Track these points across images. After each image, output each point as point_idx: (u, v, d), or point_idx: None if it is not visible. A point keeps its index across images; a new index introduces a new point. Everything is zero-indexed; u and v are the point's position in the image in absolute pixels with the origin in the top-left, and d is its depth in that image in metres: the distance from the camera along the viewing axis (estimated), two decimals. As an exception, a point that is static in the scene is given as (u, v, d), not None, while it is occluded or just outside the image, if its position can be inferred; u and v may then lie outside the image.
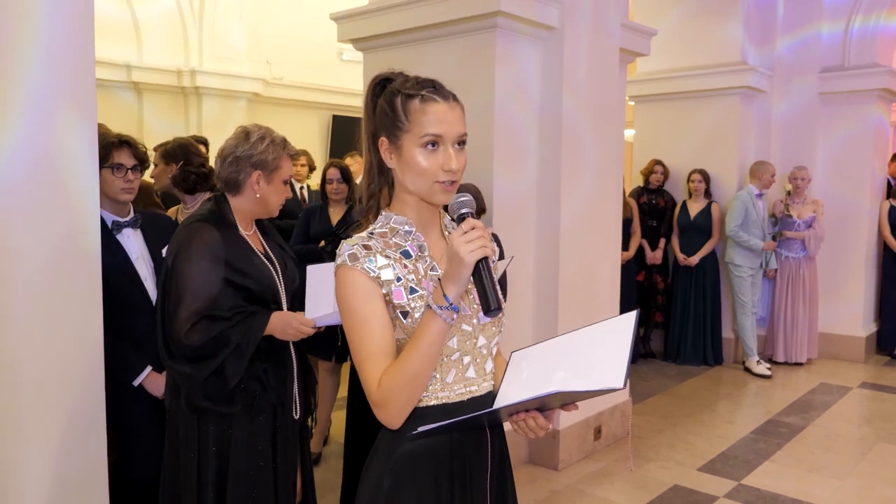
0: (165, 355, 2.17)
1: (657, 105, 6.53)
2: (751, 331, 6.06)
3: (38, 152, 1.92)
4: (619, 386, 1.25)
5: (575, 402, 1.36)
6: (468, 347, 1.43)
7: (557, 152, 3.84)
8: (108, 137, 2.48)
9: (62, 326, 1.99)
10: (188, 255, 2.12)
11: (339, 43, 4.36)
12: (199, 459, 2.18)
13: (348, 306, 1.36)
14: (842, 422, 4.87)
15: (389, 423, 1.36)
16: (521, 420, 1.36)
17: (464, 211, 1.33)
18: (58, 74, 1.94)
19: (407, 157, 1.38)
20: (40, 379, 1.95)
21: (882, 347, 6.74)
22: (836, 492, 3.74)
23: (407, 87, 1.40)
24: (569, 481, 3.84)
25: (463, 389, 1.44)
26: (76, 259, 2.02)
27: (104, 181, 2.42)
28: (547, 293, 3.94)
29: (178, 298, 2.11)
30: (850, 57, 6.32)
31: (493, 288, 1.29)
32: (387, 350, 1.35)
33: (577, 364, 1.36)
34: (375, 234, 1.42)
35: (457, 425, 1.34)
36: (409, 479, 1.39)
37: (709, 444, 4.39)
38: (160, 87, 6.90)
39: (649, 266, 6.42)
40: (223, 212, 2.25)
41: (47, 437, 1.98)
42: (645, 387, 5.58)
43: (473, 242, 1.26)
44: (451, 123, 1.38)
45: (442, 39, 3.76)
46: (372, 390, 1.34)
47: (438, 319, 1.29)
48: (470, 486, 1.45)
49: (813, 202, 6.22)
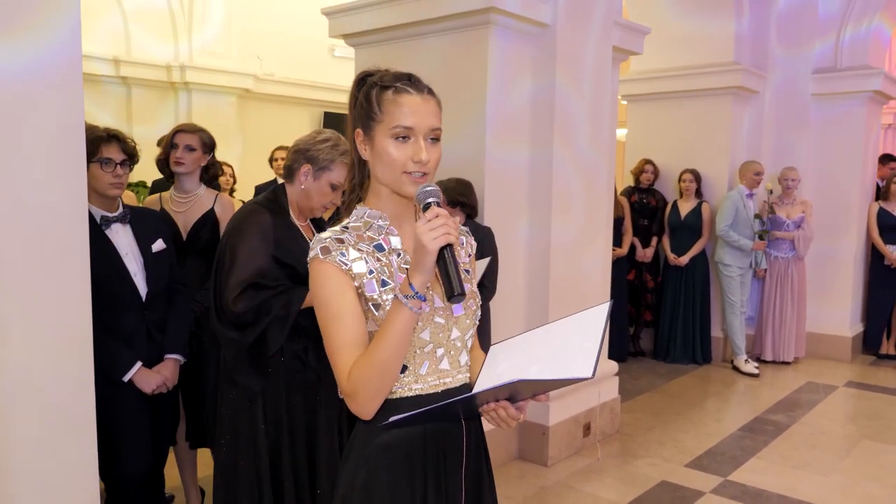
0: (216, 321, 2.35)
1: (649, 104, 6.55)
2: (739, 330, 6.09)
3: (23, 146, 1.90)
4: (588, 375, 1.26)
5: (546, 392, 1.38)
6: (441, 339, 1.44)
7: (550, 150, 3.84)
8: (96, 132, 2.47)
9: (51, 323, 1.98)
10: (241, 233, 2.33)
11: (331, 39, 4.35)
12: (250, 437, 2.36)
13: (321, 299, 1.38)
14: (827, 420, 4.91)
15: (360, 413, 1.38)
16: (492, 410, 1.37)
17: (429, 200, 1.34)
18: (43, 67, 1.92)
19: (378, 147, 1.39)
20: (30, 376, 1.94)
21: (868, 347, 6.80)
22: (821, 488, 3.77)
23: (384, 79, 1.42)
24: (558, 477, 3.85)
25: (437, 381, 1.45)
26: (64, 255, 2.01)
27: (92, 176, 2.41)
28: (538, 290, 3.95)
29: (229, 269, 2.30)
30: (843, 59, 6.37)
31: (456, 274, 1.30)
32: (358, 341, 1.36)
33: (550, 355, 1.37)
34: (350, 227, 1.43)
35: (429, 414, 1.35)
36: (382, 468, 1.41)
37: (697, 441, 4.42)
38: (149, 81, 6.84)
39: (639, 265, 6.45)
40: (279, 199, 2.45)
41: (37, 433, 1.96)
42: (634, 385, 5.61)
43: (436, 230, 1.27)
44: (423, 116, 1.39)
45: (434, 35, 3.76)
46: (343, 381, 1.36)
47: (405, 309, 1.30)
48: (444, 478, 1.46)
49: (802, 203, 6.26)
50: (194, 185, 3.14)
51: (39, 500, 1.99)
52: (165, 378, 2.56)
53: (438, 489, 1.45)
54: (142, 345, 2.53)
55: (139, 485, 2.51)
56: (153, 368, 2.56)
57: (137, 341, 2.51)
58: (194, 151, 3.06)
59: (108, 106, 6.51)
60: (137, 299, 2.51)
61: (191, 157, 3.06)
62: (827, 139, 6.48)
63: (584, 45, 3.99)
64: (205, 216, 3.06)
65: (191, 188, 3.14)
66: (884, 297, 6.63)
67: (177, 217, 3.10)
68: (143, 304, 2.54)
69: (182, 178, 3.12)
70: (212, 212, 3.08)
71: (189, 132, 3.09)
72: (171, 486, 3.29)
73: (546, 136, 3.85)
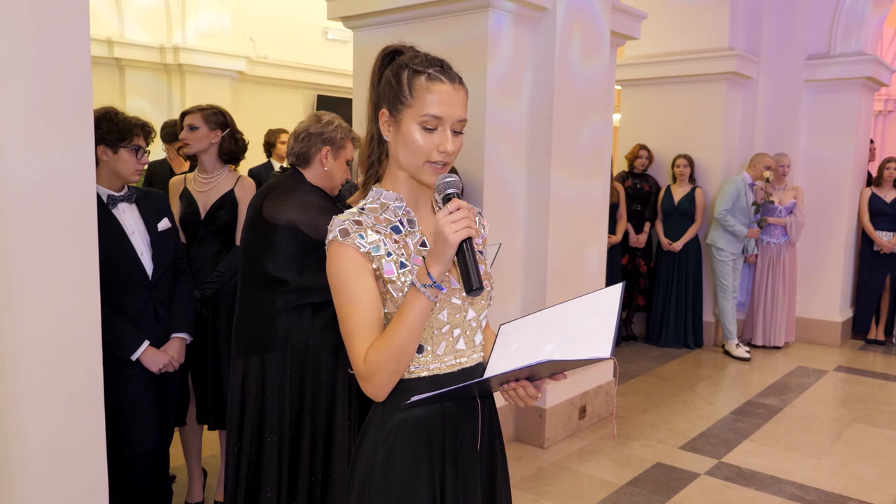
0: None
1: (643, 89, 6.56)
2: (731, 314, 6.15)
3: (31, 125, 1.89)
4: (607, 355, 1.28)
5: (563, 372, 1.40)
6: (458, 320, 1.46)
7: (548, 134, 3.85)
8: (129, 120, 2.54)
9: (59, 302, 1.98)
10: (317, 206, 2.47)
11: (325, 22, 4.33)
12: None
13: (338, 282, 1.38)
14: (818, 403, 4.98)
15: (375, 395, 1.39)
16: (512, 389, 1.39)
17: (450, 191, 1.35)
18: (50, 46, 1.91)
19: (405, 132, 1.39)
20: (38, 355, 1.94)
21: (857, 333, 6.88)
22: (812, 469, 3.84)
23: (416, 62, 1.41)
24: (554, 458, 3.90)
25: (453, 361, 1.47)
26: (72, 233, 2.01)
27: (122, 160, 2.50)
28: (536, 274, 3.98)
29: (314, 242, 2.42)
30: (836, 45, 6.39)
31: (475, 268, 1.32)
32: (374, 325, 1.37)
33: (565, 335, 1.39)
34: (366, 209, 1.44)
35: (448, 394, 1.37)
36: (402, 447, 1.42)
37: (690, 424, 4.48)
38: (143, 63, 6.78)
39: (633, 250, 6.49)
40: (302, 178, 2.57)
41: (46, 413, 1.98)
42: (628, 368, 5.67)
43: (458, 223, 1.28)
44: (454, 106, 1.39)
45: (434, 19, 3.75)
46: (358, 364, 1.37)
47: (422, 297, 1.32)
48: (462, 455, 1.48)
49: (794, 188, 6.31)
50: (212, 164, 3.10)
51: (49, 478, 2.00)
52: (172, 357, 2.58)
53: (456, 466, 1.47)
54: (149, 324, 2.53)
55: (145, 464, 2.52)
56: (160, 348, 2.57)
57: (145, 320, 2.51)
58: (197, 130, 3.03)
59: (101, 88, 6.44)
60: (144, 278, 2.52)
61: (194, 137, 3.03)
62: (819, 125, 6.52)
63: (583, 29, 3.99)
64: (224, 197, 3.05)
65: (209, 168, 3.11)
66: (873, 282, 6.70)
67: (198, 197, 3.10)
68: (150, 282, 2.55)
69: (201, 158, 3.11)
70: (231, 193, 3.06)
71: (191, 112, 3.07)
72: (173, 466, 3.32)
73: (545, 119, 3.86)
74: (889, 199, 6.57)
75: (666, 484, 3.62)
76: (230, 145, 3.09)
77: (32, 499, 1.97)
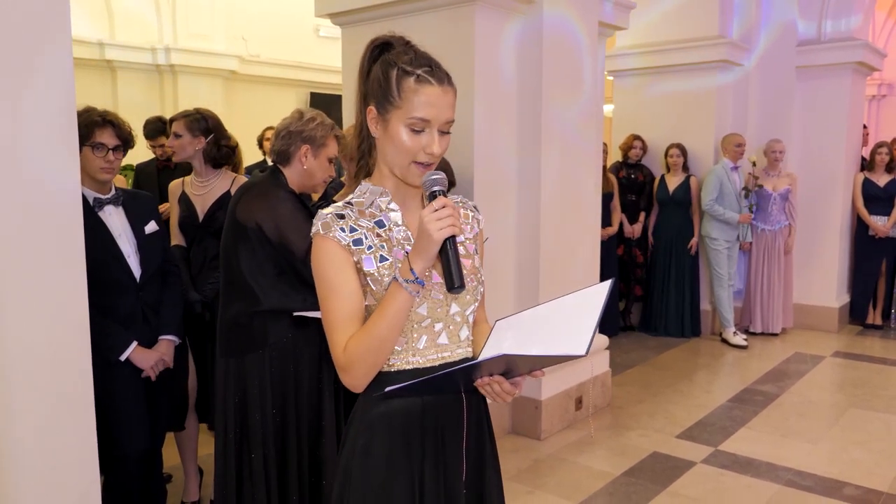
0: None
1: (635, 79, 6.55)
2: (727, 303, 6.16)
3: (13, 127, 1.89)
4: (581, 353, 1.27)
5: (541, 368, 1.39)
6: (440, 314, 1.46)
7: (537, 126, 3.85)
8: (91, 115, 2.48)
9: (47, 305, 1.98)
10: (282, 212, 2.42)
11: (316, 19, 4.32)
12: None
13: (320, 273, 1.41)
14: (815, 389, 4.99)
15: (352, 385, 1.41)
16: (487, 384, 1.39)
17: (435, 189, 1.36)
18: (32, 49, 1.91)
19: (392, 132, 1.40)
20: (27, 358, 1.94)
21: (854, 318, 6.89)
22: (809, 455, 3.85)
23: (404, 61, 1.41)
24: (551, 450, 3.91)
25: (435, 356, 1.47)
26: (59, 236, 2.01)
27: (85, 159, 2.41)
28: (528, 265, 3.98)
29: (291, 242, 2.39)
30: (826, 31, 6.38)
31: (457, 266, 1.32)
32: (354, 317, 1.39)
33: (549, 331, 1.39)
34: (353, 203, 1.45)
35: (426, 384, 1.38)
36: (380, 436, 1.44)
37: (687, 413, 4.49)
38: (134, 65, 6.79)
39: (628, 240, 6.49)
40: (280, 179, 2.53)
41: (36, 415, 1.98)
42: (625, 358, 5.67)
43: (443, 220, 1.30)
44: (442, 108, 1.39)
45: (421, 13, 3.74)
46: (338, 354, 1.39)
47: (404, 292, 1.34)
48: (443, 449, 1.48)
49: (788, 175, 6.30)
50: (202, 169, 3.16)
51: (41, 480, 2.01)
52: (163, 353, 2.59)
53: (437, 462, 1.47)
54: (137, 326, 2.54)
55: (136, 465, 2.53)
56: (150, 347, 2.57)
57: (133, 323, 2.52)
58: (181, 138, 3.08)
59: (93, 90, 6.44)
60: (132, 281, 2.52)
61: (178, 144, 3.09)
62: (812, 111, 6.51)
63: (570, 21, 3.98)
64: (221, 199, 3.09)
65: (202, 172, 3.16)
66: (869, 267, 6.71)
67: (195, 200, 3.14)
68: (138, 285, 2.55)
69: (192, 163, 3.16)
70: (228, 194, 3.08)
71: (176, 119, 3.13)
72: (169, 466, 3.33)
73: (534, 111, 3.86)
74: (882, 183, 6.57)
75: (663, 473, 3.63)
76: (213, 151, 3.11)
77: (24, 501, 1.97)
